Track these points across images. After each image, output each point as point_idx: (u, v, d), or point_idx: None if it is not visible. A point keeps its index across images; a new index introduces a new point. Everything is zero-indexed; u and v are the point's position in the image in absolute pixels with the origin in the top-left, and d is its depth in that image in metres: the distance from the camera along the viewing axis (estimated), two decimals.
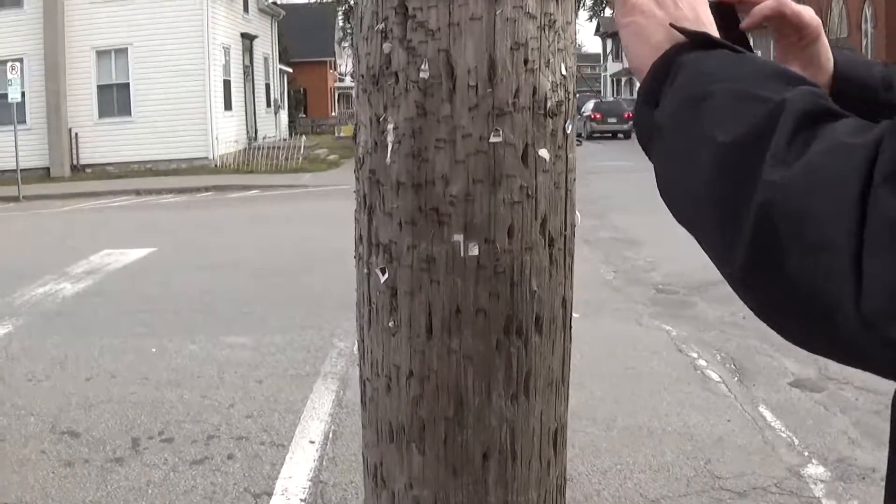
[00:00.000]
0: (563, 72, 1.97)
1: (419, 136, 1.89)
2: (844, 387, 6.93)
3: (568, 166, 2.04)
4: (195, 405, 5.95)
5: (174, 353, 7.47)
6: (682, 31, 0.94)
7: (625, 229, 14.44)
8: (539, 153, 1.92)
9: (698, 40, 0.91)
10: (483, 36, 1.69)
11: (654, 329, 8.52)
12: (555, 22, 1.95)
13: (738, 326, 7.83)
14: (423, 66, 1.88)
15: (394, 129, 1.95)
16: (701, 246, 0.82)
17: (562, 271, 2.06)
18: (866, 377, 5.27)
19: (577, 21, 1.85)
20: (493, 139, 1.87)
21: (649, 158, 0.94)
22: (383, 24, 1.94)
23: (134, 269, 12.61)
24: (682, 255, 11.45)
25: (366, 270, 2.07)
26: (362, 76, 2.04)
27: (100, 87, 29.14)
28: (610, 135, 40.32)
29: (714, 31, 0.97)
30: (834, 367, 7.09)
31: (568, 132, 2.02)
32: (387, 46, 1.94)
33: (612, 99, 41.98)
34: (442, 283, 1.74)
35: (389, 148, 1.95)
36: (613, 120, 37.09)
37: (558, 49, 1.97)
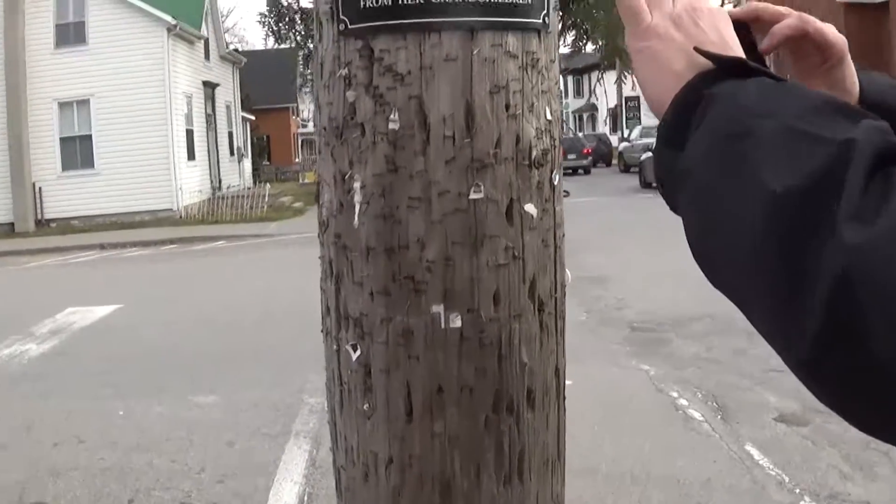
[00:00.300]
0: (549, 116, 1.77)
1: (390, 195, 1.67)
2: (830, 419, 6.78)
3: (556, 220, 1.83)
4: (165, 470, 5.67)
5: (142, 415, 7.17)
6: (708, 55, 0.78)
7: (592, 268, 14.33)
8: (525, 209, 1.71)
9: (728, 66, 0.76)
10: (459, 79, 1.58)
11: (632, 369, 8.37)
12: (538, 61, 1.76)
13: (715, 362, 7.67)
14: (392, 116, 1.68)
15: (361, 187, 1.74)
16: (750, 320, 0.69)
17: (553, 337, 1.85)
18: None
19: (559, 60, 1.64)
20: (473, 195, 1.66)
21: (673, 210, 0.78)
22: (346, 70, 1.73)
23: (99, 328, 12.33)
24: (650, 291, 11.32)
25: (335, 346, 1.86)
26: (324, 128, 1.83)
27: (62, 140, 28.75)
28: (571, 171, 40.50)
29: (742, 55, 0.76)
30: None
31: (555, 183, 1.82)
32: (351, 95, 1.73)
33: (571, 136, 42.29)
34: (421, 359, 1.62)
35: (357, 209, 1.74)
36: (573, 156, 37.39)
37: (542, 91, 1.77)
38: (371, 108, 1.73)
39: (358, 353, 1.79)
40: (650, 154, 22.78)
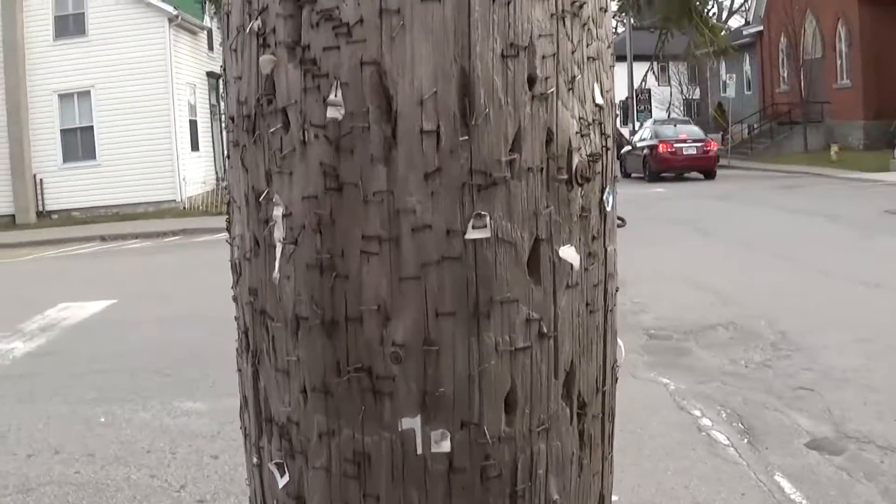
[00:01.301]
0: (598, 98, 1.03)
1: (330, 231, 0.95)
2: (866, 447, 6.14)
3: (608, 269, 1.10)
4: (143, 487, 5.05)
5: (124, 423, 6.48)
6: None
7: None
8: (561, 253, 0.97)
9: None
10: (447, 32, 1.04)
11: (651, 382, 7.64)
12: (582, 6, 1.01)
13: (740, 377, 6.97)
14: (332, 96, 0.93)
15: (284, 215, 1.01)
16: None
17: (599, 452, 1.13)
18: (888, 434, 4.54)
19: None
20: (472, 232, 0.93)
21: None
22: (259, 21, 1.00)
23: (90, 325, 11.78)
24: (668, 294, 10.65)
25: (256, 458, 1.19)
26: (232, 119, 1.10)
27: (63, 132, 28.35)
28: None
29: None
30: (851, 423, 6.32)
31: (608, 209, 1.08)
32: (266, 62, 0.99)
33: None
34: (384, 499, 1.09)
35: (278, 252, 1.00)
36: None
37: (589, 57, 1.03)
38: (298, 82, 1.00)
39: (286, 478, 1.08)
40: (629, 147, 21.55)
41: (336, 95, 1.02)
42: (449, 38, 1.00)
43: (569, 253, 1.08)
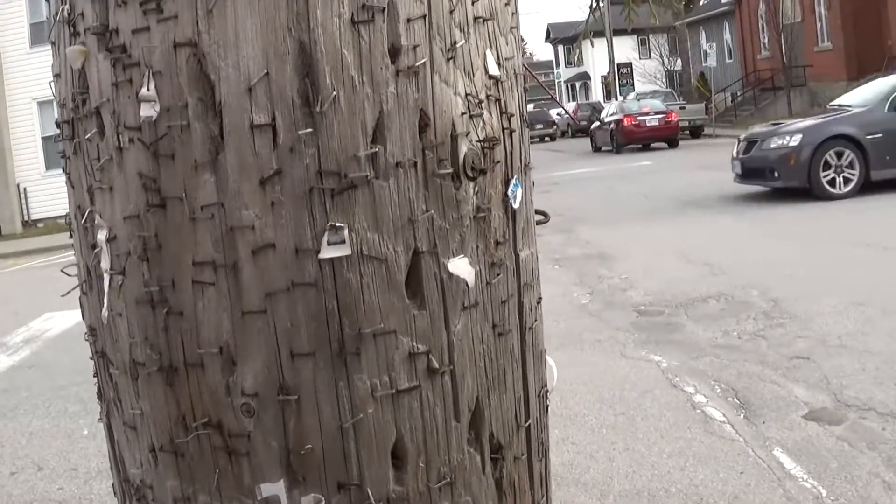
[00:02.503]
0: (493, 69, 0.81)
1: (157, 258, 0.72)
2: (866, 415, 5.91)
3: (521, 280, 0.88)
4: None
5: None
6: None
7: (594, 243, 13.50)
8: (451, 267, 0.74)
9: None
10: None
11: (642, 360, 7.43)
12: None
13: (733, 349, 6.74)
14: (144, 89, 0.70)
15: (108, 240, 0.79)
16: None
17: (527, 499, 0.92)
18: (889, 401, 4.41)
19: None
20: (327, 250, 0.70)
21: None
22: (69, 5, 0.78)
23: (74, 334, 11.53)
24: (657, 268, 10.45)
25: None
26: (57, 125, 0.88)
27: (45, 139, 28.13)
28: (538, 139, 39.58)
29: None
30: (850, 391, 6.17)
31: (513, 204, 0.86)
32: (74, 53, 0.77)
33: (536, 109, 41.56)
34: None
35: (105, 283, 0.78)
36: (540, 126, 36.47)
37: (476, 17, 0.81)
38: (109, 74, 0.78)
39: None
40: (598, 123, 22.97)
41: (149, 88, 0.81)
42: (280, 4, 0.78)
43: (461, 266, 0.86)
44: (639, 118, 20.18)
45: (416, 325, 0.84)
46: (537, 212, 1.04)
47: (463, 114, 0.87)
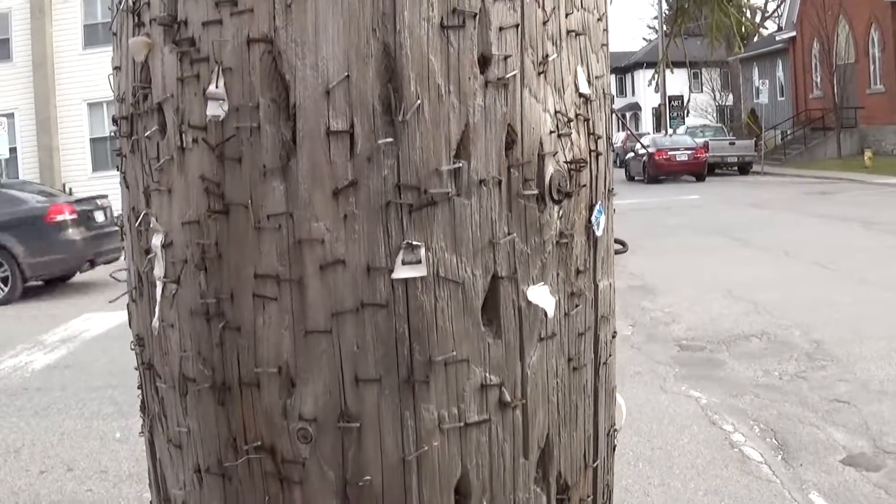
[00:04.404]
0: (584, 87, 0.75)
1: (216, 267, 0.66)
2: None
3: (598, 312, 0.81)
4: None
5: (139, 439, 6.19)
6: None
7: (638, 275, 13.52)
8: (530, 295, 0.67)
9: None
10: None
11: (681, 396, 7.40)
12: None
13: (774, 389, 6.71)
14: (213, 87, 0.65)
15: (164, 246, 0.73)
16: None
17: None
18: None
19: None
20: (401, 270, 0.63)
21: None
22: None
23: (113, 336, 11.76)
24: (702, 302, 10.40)
25: None
26: (114, 121, 0.84)
27: (93, 140, 28.55)
28: None
29: None
30: (889, 437, 6.11)
31: (597, 231, 0.80)
32: (138, 44, 0.72)
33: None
34: None
35: (158, 292, 0.73)
36: None
37: (569, 30, 0.75)
38: (174, 69, 0.72)
39: None
40: (632, 154, 25.14)
41: (218, 86, 0.75)
42: (365, 2, 0.73)
43: (541, 294, 0.80)
44: (670, 153, 21.76)
45: (489, 355, 0.78)
46: (616, 241, 0.97)
47: (552, 132, 0.81)
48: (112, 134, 0.96)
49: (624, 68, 52.37)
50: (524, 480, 0.84)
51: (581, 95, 0.85)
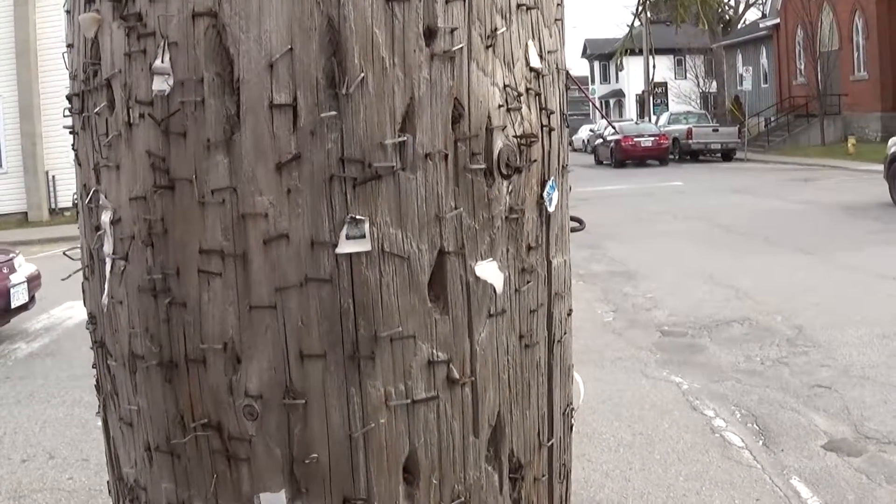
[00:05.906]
0: (535, 61, 0.75)
1: (163, 243, 0.65)
2: (886, 447, 5.91)
3: (552, 289, 0.81)
4: None
5: None
6: None
7: (621, 261, 13.53)
8: (478, 271, 0.67)
9: None
10: None
11: (663, 381, 7.39)
12: None
13: (755, 374, 6.71)
14: (158, 60, 0.64)
15: (113, 222, 0.73)
16: None
17: None
18: None
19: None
20: (345, 245, 0.62)
21: None
22: None
23: None
24: (683, 288, 10.40)
25: None
26: (68, 99, 0.83)
27: None
28: None
29: None
30: (870, 423, 6.12)
31: (549, 208, 0.80)
32: (87, 20, 0.71)
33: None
34: None
35: (107, 268, 0.72)
36: None
37: (519, 3, 0.75)
38: (122, 44, 0.72)
39: None
40: (601, 140, 26.53)
41: (163, 60, 0.75)
42: None
43: (489, 270, 0.80)
44: (635, 139, 23.21)
45: (437, 331, 0.78)
46: (572, 218, 0.97)
47: (500, 106, 0.80)
48: (65, 113, 0.96)
49: (608, 55, 52.26)
50: (475, 458, 0.83)
51: (532, 70, 0.85)
